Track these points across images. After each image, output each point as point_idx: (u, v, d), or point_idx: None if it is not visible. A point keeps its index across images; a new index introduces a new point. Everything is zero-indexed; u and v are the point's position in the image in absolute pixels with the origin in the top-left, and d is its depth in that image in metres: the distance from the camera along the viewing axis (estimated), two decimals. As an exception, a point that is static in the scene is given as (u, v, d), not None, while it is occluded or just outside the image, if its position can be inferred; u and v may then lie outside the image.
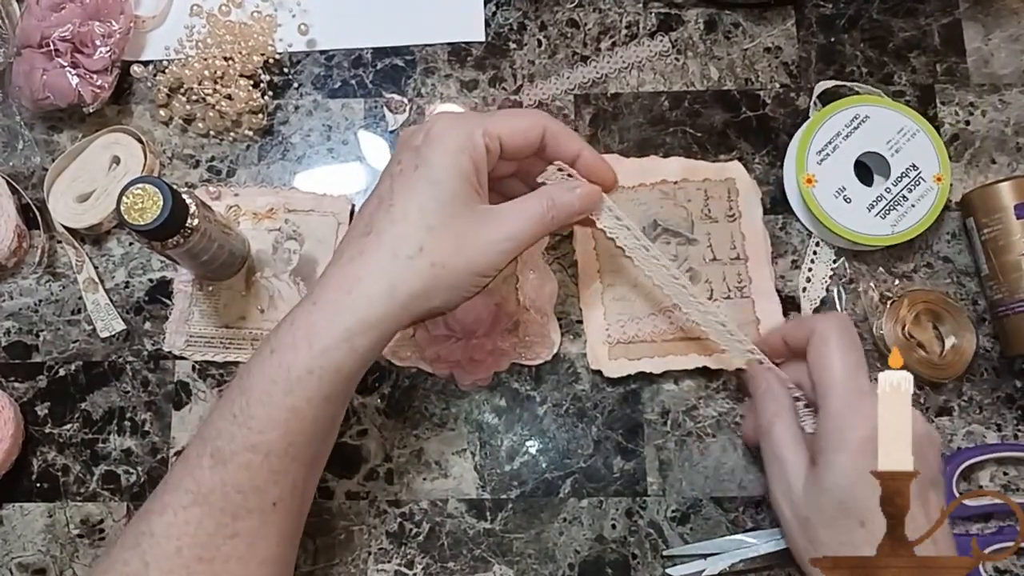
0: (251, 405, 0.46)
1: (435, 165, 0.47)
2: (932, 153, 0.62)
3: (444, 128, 0.48)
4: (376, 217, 0.48)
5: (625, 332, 0.62)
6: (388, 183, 0.49)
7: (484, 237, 0.48)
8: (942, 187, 0.62)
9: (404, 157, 0.49)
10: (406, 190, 0.47)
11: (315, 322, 0.46)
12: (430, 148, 0.47)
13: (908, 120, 0.63)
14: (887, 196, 0.62)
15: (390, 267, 0.46)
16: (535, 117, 0.51)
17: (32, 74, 0.63)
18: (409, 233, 0.47)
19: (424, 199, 0.47)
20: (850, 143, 0.63)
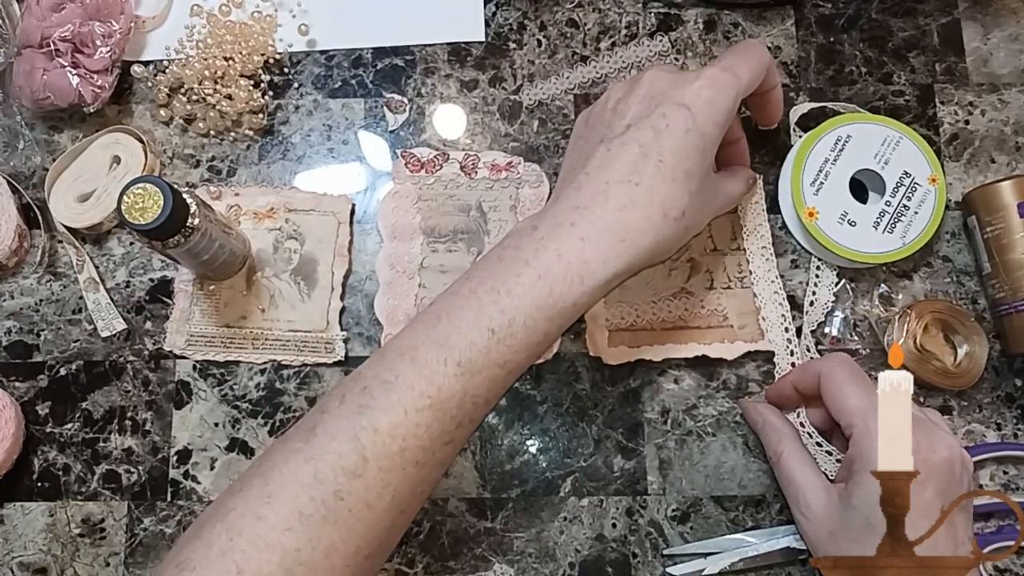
0: (514, 326, 0.47)
1: (707, 134, 0.50)
2: (920, 156, 0.62)
3: (717, 94, 0.50)
4: (644, 169, 0.49)
5: (625, 319, 0.62)
6: (652, 135, 0.50)
7: (717, 201, 0.55)
8: (939, 188, 0.62)
9: (670, 111, 0.50)
10: (676, 150, 0.49)
11: (588, 260, 0.48)
12: (704, 114, 0.50)
13: (889, 130, 0.63)
14: (889, 210, 0.62)
15: (661, 225, 0.49)
16: (763, 58, 0.54)
17: (33, 74, 0.63)
18: (678, 196, 0.49)
19: (691, 164, 0.49)
20: (840, 166, 0.62)
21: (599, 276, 0.48)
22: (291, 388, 0.63)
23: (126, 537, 0.61)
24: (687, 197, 0.49)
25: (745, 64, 0.53)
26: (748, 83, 0.52)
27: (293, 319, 0.63)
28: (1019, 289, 0.60)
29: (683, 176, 0.49)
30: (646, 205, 0.49)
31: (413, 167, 0.65)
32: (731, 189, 0.58)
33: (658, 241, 0.49)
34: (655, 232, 0.49)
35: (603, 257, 0.48)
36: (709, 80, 0.51)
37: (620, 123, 0.52)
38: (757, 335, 0.62)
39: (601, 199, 0.49)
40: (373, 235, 0.65)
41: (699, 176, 0.50)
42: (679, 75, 0.52)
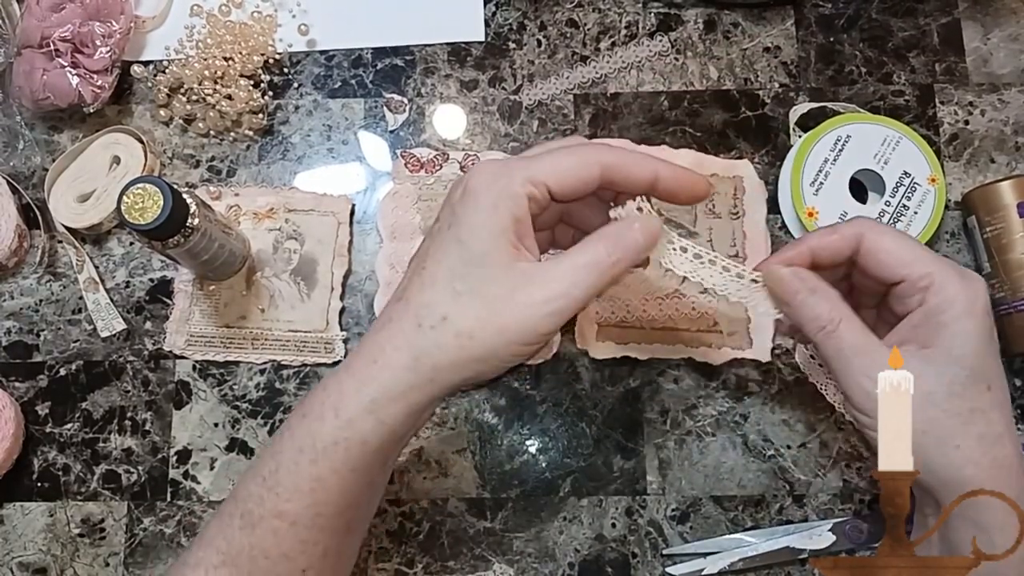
0: (279, 471, 0.44)
1: (465, 224, 0.43)
2: (920, 156, 0.63)
3: (480, 181, 0.43)
4: (409, 281, 0.45)
5: (615, 314, 0.62)
6: (426, 244, 0.45)
7: (522, 300, 0.42)
8: (938, 187, 0.62)
9: (443, 214, 0.45)
10: (437, 252, 0.44)
11: (343, 390, 0.43)
12: (464, 205, 0.43)
13: (888, 130, 0.63)
14: (889, 210, 0.62)
15: (414, 337, 0.43)
16: (587, 153, 0.44)
17: (32, 74, 0.63)
18: (434, 301, 0.43)
19: (452, 261, 0.43)
20: (839, 167, 0.63)
21: (352, 406, 0.43)
22: (291, 388, 0.63)
23: (126, 537, 0.61)
24: (448, 301, 0.42)
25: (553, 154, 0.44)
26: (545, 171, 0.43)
27: (293, 319, 0.63)
28: (1019, 289, 0.60)
29: (443, 278, 0.43)
30: (400, 318, 0.43)
31: (413, 167, 0.65)
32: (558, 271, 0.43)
33: (416, 356, 0.42)
34: (408, 347, 0.42)
35: (355, 385, 0.43)
36: (480, 170, 0.44)
37: None
38: (746, 343, 0.62)
39: (373, 327, 0.45)
40: (373, 235, 0.65)
41: (468, 273, 0.42)
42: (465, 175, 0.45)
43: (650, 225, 0.45)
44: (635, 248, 0.44)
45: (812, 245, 0.48)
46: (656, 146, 0.65)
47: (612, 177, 0.44)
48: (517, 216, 0.43)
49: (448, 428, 0.62)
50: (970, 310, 0.44)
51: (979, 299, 0.44)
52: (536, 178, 0.43)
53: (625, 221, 0.45)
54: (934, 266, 0.45)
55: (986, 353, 0.44)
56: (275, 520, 0.44)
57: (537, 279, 0.42)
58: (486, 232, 0.42)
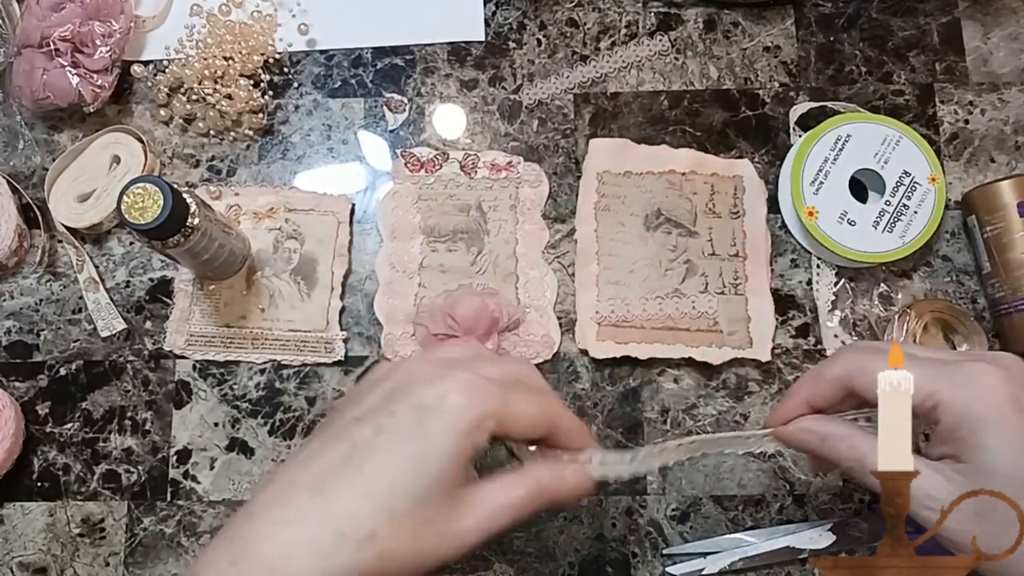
0: None
1: (434, 444, 0.39)
2: (920, 156, 0.63)
3: (462, 403, 0.40)
4: (336, 476, 0.39)
5: (615, 313, 0.62)
6: (369, 434, 0.40)
7: (450, 527, 0.40)
8: (938, 187, 0.62)
9: (400, 410, 0.41)
10: (385, 457, 0.39)
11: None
12: (436, 421, 0.40)
13: (889, 129, 0.63)
14: (888, 209, 0.62)
15: (330, 550, 0.38)
16: (551, 411, 0.44)
17: (32, 74, 0.63)
18: (366, 513, 0.38)
19: (400, 477, 0.39)
20: (839, 166, 0.63)
21: None
22: (291, 388, 0.63)
23: (126, 537, 0.61)
24: (381, 518, 0.38)
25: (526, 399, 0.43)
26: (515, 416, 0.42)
27: (293, 319, 0.63)
28: (1019, 288, 0.60)
29: (384, 490, 0.38)
30: (317, 522, 0.38)
31: (413, 167, 0.65)
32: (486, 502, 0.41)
33: (326, 571, 0.37)
34: (320, 559, 0.37)
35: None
36: (464, 384, 0.41)
37: (351, 412, 0.42)
38: (746, 343, 0.62)
39: (271, 506, 0.39)
40: (373, 235, 0.65)
41: (412, 494, 0.39)
42: (438, 370, 0.42)
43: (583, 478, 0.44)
44: (559, 495, 0.43)
45: (804, 397, 0.47)
46: (656, 146, 0.65)
47: (557, 437, 0.44)
48: (477, 449, 0.41)
49: (448, 428, 0.62)
50: (985, 418, 0.40)
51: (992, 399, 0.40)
52: (505, 420, 0.41)
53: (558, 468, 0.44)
54: (935, 384, 0.42)
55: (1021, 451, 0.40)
56: None
57: (466, 509, 0.41)
58: (450, 459, 0.40)
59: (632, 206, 0.64)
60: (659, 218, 0.64)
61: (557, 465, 0.44)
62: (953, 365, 0.42)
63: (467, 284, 0.63)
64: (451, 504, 0.40)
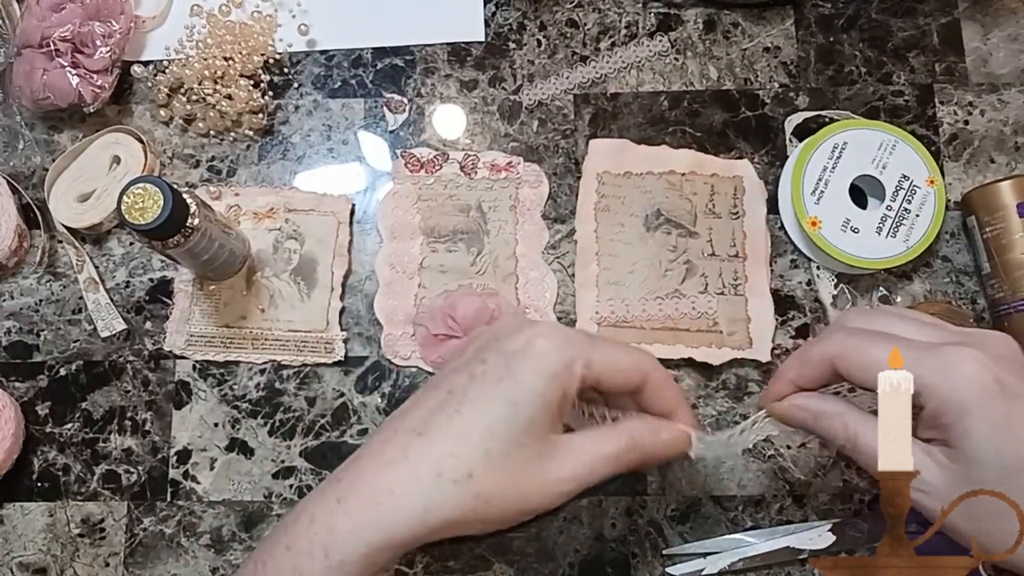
0: None
1: (523, 385, 0.41)
2: (917, 159, 0.63)
3: (547, 346, 0.42)
4: (436, 418, 0.42)
5: (615, 314, 0.62)
6: (464, 380, 0.43)
7: (546, 474, 0.42)
8: (937, 189, 0.62)
9: (491, 357, 0.43)
10: (479, 400, 0.41)
11: (335, 528, 0.40)
12: (524, 363, 0.42)
13: (884, 134, 0.63)
14: (890, 214, 0.62)
15: (430, 488, 0.40)
16: (641, 361, 0.45)
17: (32, 74, 0.63)
18: (464, 453, 0.40)
19: (495, 419, 0.41)
20: (838, 174, 0.62)
21: (346, 549, 0.40)
22: (291, 388, 0.63)
23: (126, 537, 0.61)
24: (479, 458, 0.40)
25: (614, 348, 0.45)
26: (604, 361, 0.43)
27: (293, 319, 0.63)
28: (1018, 289, 0.60)
29: (481, 432, 0.41)
30: (417, 462, 0.41)
31: (413, 167, 0.65)
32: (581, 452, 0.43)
33: (428, 507, 0.40)
34: (422, 495, 0.40)
35: (353, 524, 0.40)
36: (550, 330, 0.43)
37: (450, 366, 0.45)
38: (745, 343, 0.62)
39: (376, 451, 0.42)
40: (373, 235, 0.65)
41: (507, 435, 0.41)
42: (525, 321, 0.45)
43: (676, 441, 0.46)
44: (654, 455, 0.45)
45: (791, 378, 0.47)
46: (656, 146, 0.65)
47: (646, 391, 0.45)
48: (568, 393, 0.42)
49: (448, 428, 0.62)
50: (968, 405, 0.40)
51: (974, 385, 0.40)
52: (594, 366, 0.43)
53: (649, 424, 0.46)
54: (917, 369, 0.40)
55: (1011, 439, 0.40)
56: None
57: (562, 456, 0.42)
58: (541, 400, 0.41)
59: (632, 206, 0.64)
60: (659, 218, 0.64)
61: (652, 422, 0.46)
62: (936, 349, 0.41)
63: (467, 284, 0.63)
64: (546, 450, 0.42)
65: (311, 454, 0.62)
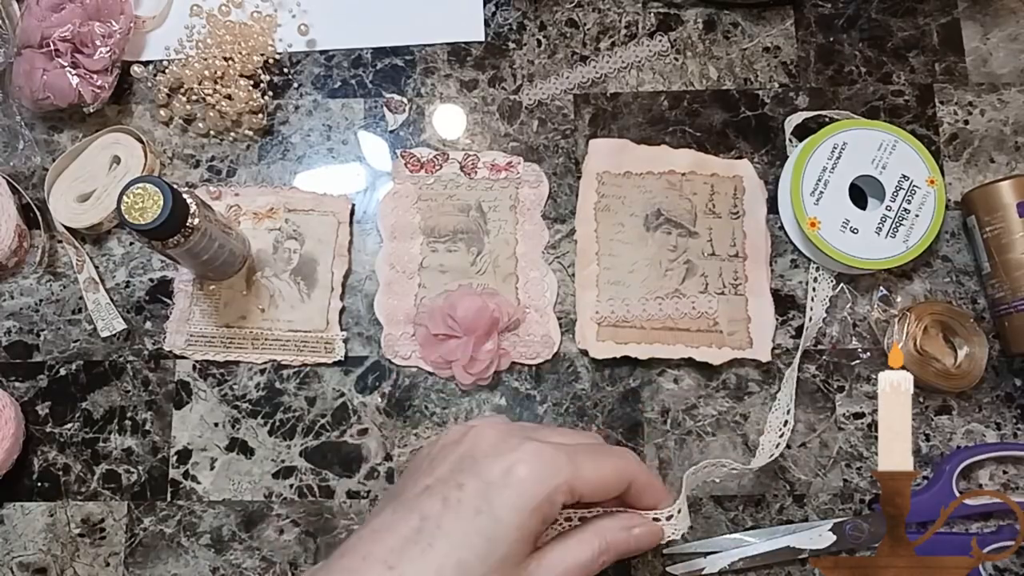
0: None
1: (501, 521, 0.40)
2: (917, 159, 0.63)
3: (529, 476, 0.41)
4: (409, 551, 0.40)
5: (615, 314, 0.62)
6: (439, 506, 0.41)
7: None
8: (937, 189, 0.62)
9: (469, 483, 0.41)
10: (454, 534, 0.40)
11: None
12: (503, 496, 0.40)
13: (884, 134, 0.63)
14: (890, 214, 0.62)
15: None
16: (625, 469, 0.44)
17: (32, 74, 0.63)
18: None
19: (469, 556, 0.39)
20: (838, 175, 0.62)
21: None
22: (291, 388, 0.63)
23: (126, 537, 0.61)
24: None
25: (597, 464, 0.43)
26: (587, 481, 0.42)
27: (293, 319, 0.63)
28: (1019, 289, 0.60)
29: (453, 568, 0.39)
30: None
31: (413, 167, 0.65)
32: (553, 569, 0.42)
33: None
34: None
35: None
36: (530, 455, 0.41)
37: (422, 481, 0.43)
38: (746, 343, 0.62)
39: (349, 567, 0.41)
40: (373, 235, 0.65)
41: (481, 571, 0.39)
42: (506, 440, 0.43)
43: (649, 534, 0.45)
44: (627, 552, 0.44)
45: None
46: (656, 146, 0.65)
47: (630, 493, 0.45)
48: (547, 521, 0.42)
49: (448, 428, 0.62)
50: None
51: None
52: (577, 489, 0.42)
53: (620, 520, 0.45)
54: None
55: None
56: None
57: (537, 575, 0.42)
58: (518, 534, 0.40)
59: (632, 206, 0.64)
60: (659, 218, 0.64)
61: (624, 519, 0.45)
62: None
63: (467, 284, 0.63)
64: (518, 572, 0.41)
65: (311, 454, 0.62)
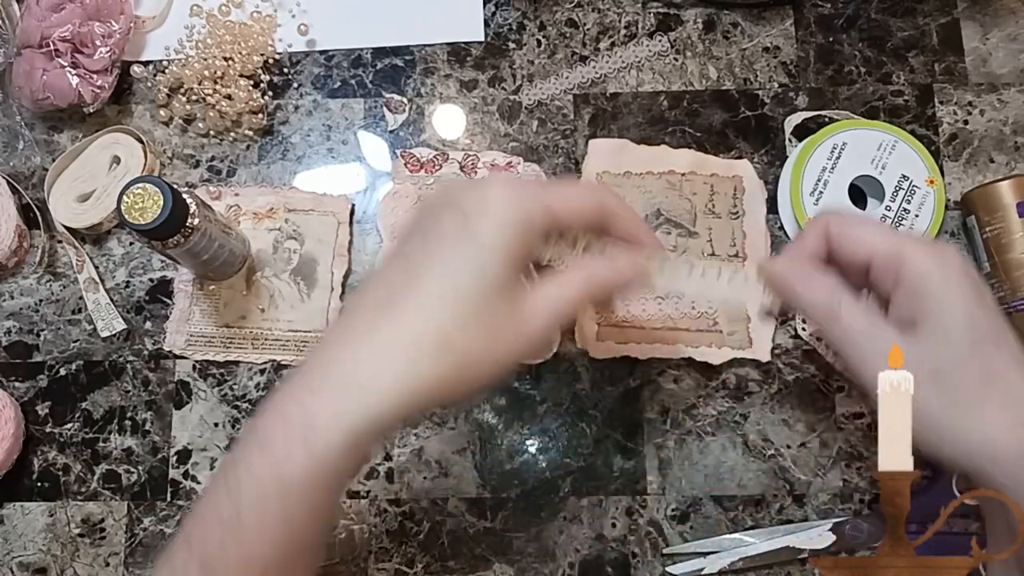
0: (241, 512, 0.38)
1: (485, 243, 0.40)
2: (916, 159, 0.63)
3: (502, 198, 0.41)
4: (400, 289, 0.40)
5: (615, 314, 0.62)
6: (420, 244, 0.41)
7: (515, 327, 0.41)
8: (937, 189, 0.62)
9: (447, 218, 0.41)
10: (442, 264, 0.40)
11: (314, 417, 0.38)
12: (483, 220, 0.40)
13: (884, 134, 0.63)
14: (890, 214, 0.62)
15: (412, 358, 0.39)
16: (597, 194, 0.45)
17: (32, 74, 0.63)
18: (437, 318, 0.39)
19: (462, 279, 0.39)
20: (837, 175, 0.63)
21: (330, 440, 0.37)
22: (291, 388, 0.63)
23: (126, 537, 0.61)
24: (452, 320, 0.39)
25: (567, 188, 0.44)
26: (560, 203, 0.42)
27: (293, 319, 0.63)
28: (1018, 289, 0.60)
29: (449, 296, 0.39)
30: (393, 335, 0.39)
31: (413, 167, 0.65)
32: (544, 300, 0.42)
33: (412, 379, 0.38)
34: (401, 368, 0.38)
35: (332, 412, 0.38)
36: (503, 181, 0.42)
37: (403, 234, 0.43)
38: (746, 343, 0.62)
39: (344, 332, 0.40)
40: (373, 235, 0.65)
41: (476, 294, 0.39)
42: (475, 181, 0.44)
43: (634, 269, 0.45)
44: (616, 286, 0.45)
45: (791, 255, 0.48)
46: (656, 146, 0.65)
47: (606, 222, 0.45)
48: (529, 243, 0.42)
49: (448, 428, 0.62)
50: (946, 277, 0.43)
51: (951, 263, 0.43)
52: (553, 209, 0.42)
53: (611, 257, 0.45)
54: (899, 243, 0.44)
55: (979, 314, 0.43)
56: (243, 567, 0.38)
57: (527, 309, 0.42)
58: (504, 255, 0.40)
59: (632, 206, 0.64)
60: (659, 218, 0.64)
61: (607, 257, 0.45)
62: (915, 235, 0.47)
63: (467, 284, 0.63)
64: (513, 303, 0.41)
65: (311, 454, 0.62)
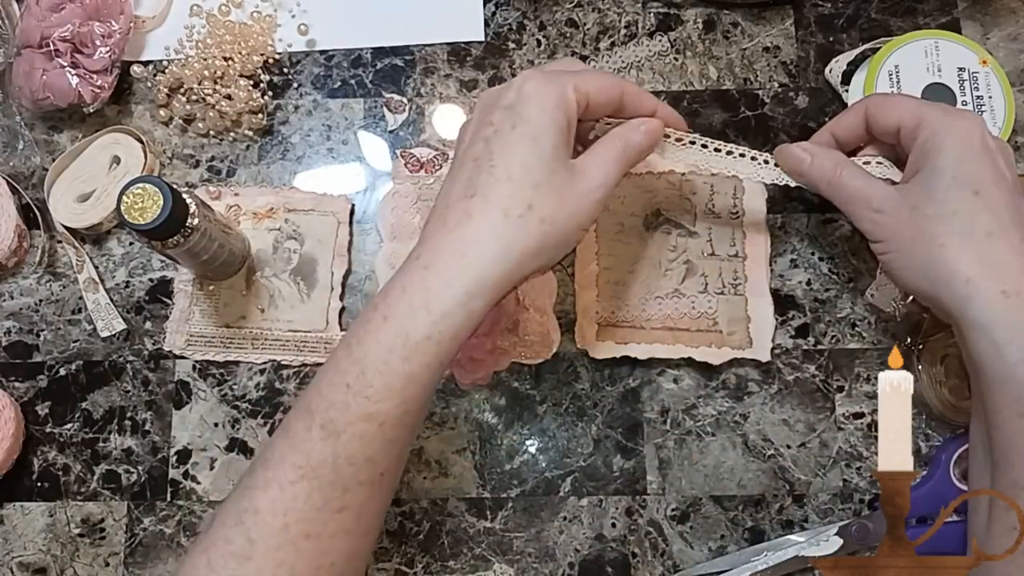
0: (367, 374, 0.44)
1: (534, 122, 0.47)
2: (961, 48, 0.63)
3: (538, 85, 0.48)
4: (478, 179, 0.47)
5: (615, 314, 0.62)
6: (482, 145, 0.48)
7: (580, 189, 0.48)
8: (993, 66, 0.63)
9: (496, 117, 0.48)
10: (506, 149, 0.47)
11: (431, 287, 0.45)
12: (527, 105, 0.47)
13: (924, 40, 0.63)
14: (969, 107, 0.62)
15: (503, 227, 0.46)
16: (616, 78, 0.51)
17: (32, 74, 0.63)
18: (516, 191, 0.46)
19: (526, 157, 0.46)
20: (906, 92, 0.62)
21: (445, 301, 0.45)
22: (291, 388, 0.63)
23: (126, 537, 0.61)
24: (530, 191, 0.46)
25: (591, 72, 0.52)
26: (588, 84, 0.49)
27: (293, 319, 0.63)
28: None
29: (520, 172, 0.46)
30: (483, 212, 0.46)
31: (412, 167, 0.65)
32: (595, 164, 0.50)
33: (507, 245, 0.46)
34: (499, 237, 0.46)
35: (445, 280, 0.45)
36: (533, 73, 0.49)
37: (460, 148, 0.50)
38: (745, 343, 0.62)
39: (440, 223, 0.47)
40: (373, 235, 0.65)
41: (542, 166, 0.47)
42: (506, 83, 0.50)
43: (654, 128, 0.52)
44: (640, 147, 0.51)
45: (831, 128, 0.56)
46: (656, 146, 0.65)
47: (625, 102, 0.51)
48: (570, 117, 0.48)
49: (448, 428, 0.62)
50: (955, 133, 0.49)
51: (961, 124, 0.49)
52: (582, 87, 0.48)
53: (630, 124, 0.51)
54: (925, 108, 0.51)
55: (972, 163, 0.48)
56: (363, 424, 0.44)
57: (584, 173, 0.49)
58: (554, 129, 0.47)
59: (632, 206, 0.64)
60: (659, 218, 0.64)
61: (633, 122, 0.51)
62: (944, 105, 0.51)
63: (467, 284, 0.63)
64: (573, 170, 0.48)
65: (311, 454, 0.62)
